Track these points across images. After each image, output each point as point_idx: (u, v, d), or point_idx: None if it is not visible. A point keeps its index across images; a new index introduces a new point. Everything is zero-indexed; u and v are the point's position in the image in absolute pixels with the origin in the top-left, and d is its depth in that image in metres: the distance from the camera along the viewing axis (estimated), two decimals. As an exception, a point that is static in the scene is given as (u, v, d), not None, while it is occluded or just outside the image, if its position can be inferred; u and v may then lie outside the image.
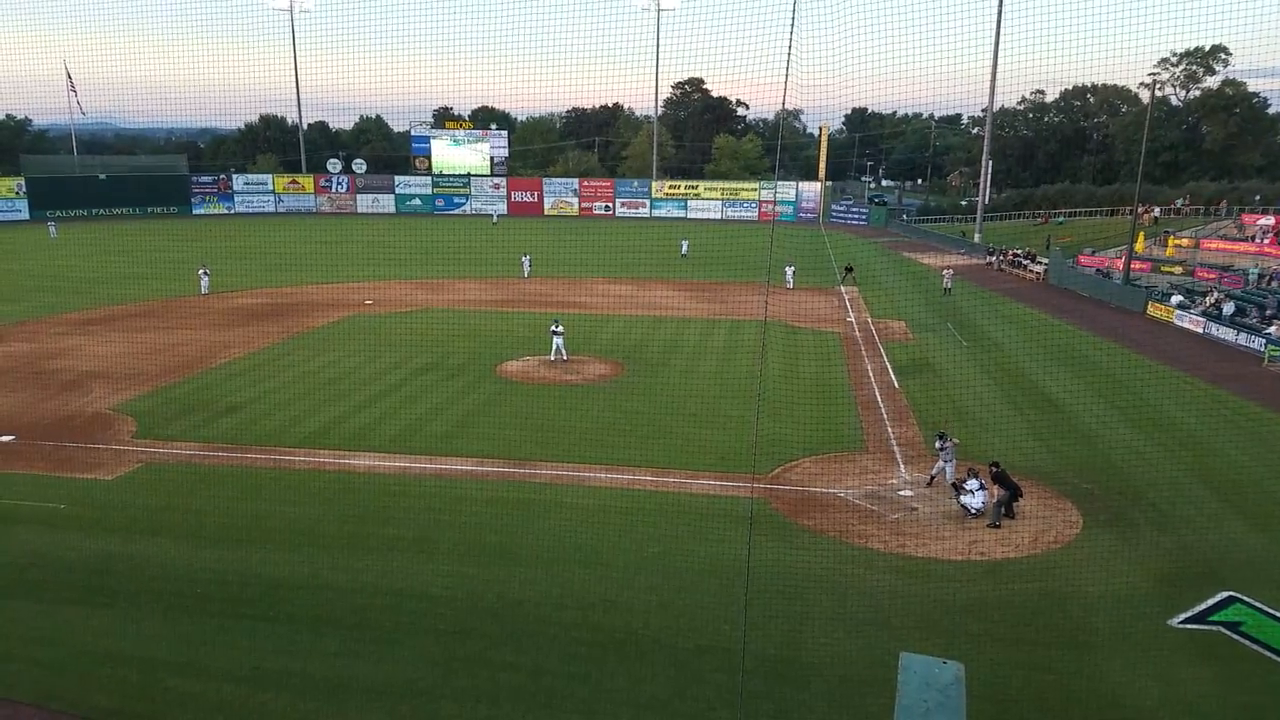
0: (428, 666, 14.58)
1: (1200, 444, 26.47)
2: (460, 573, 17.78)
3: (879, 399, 30.77)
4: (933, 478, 22.69)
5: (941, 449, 22.26)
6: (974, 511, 20.46)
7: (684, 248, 71.26)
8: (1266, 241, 57.21)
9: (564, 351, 34.94)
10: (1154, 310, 48.31)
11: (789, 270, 55.58)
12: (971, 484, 20.59)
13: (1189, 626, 15.97)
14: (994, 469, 20.69)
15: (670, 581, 17.41)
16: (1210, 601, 16.69)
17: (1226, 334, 41.99)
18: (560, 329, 35.08)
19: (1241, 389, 33.12)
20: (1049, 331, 43.42)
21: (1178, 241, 62.86)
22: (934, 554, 18.86)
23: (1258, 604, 16.57)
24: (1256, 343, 39.45)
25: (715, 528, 19.79)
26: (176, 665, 14.58)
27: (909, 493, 22.21)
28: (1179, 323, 45.69)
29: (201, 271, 51.37)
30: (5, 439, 25.77)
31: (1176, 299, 47.70)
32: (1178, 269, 55.87)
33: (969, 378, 33.78)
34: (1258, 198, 76.08)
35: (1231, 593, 16.97)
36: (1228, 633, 15.74)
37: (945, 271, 56.67)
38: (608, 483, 22.73)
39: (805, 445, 25.02)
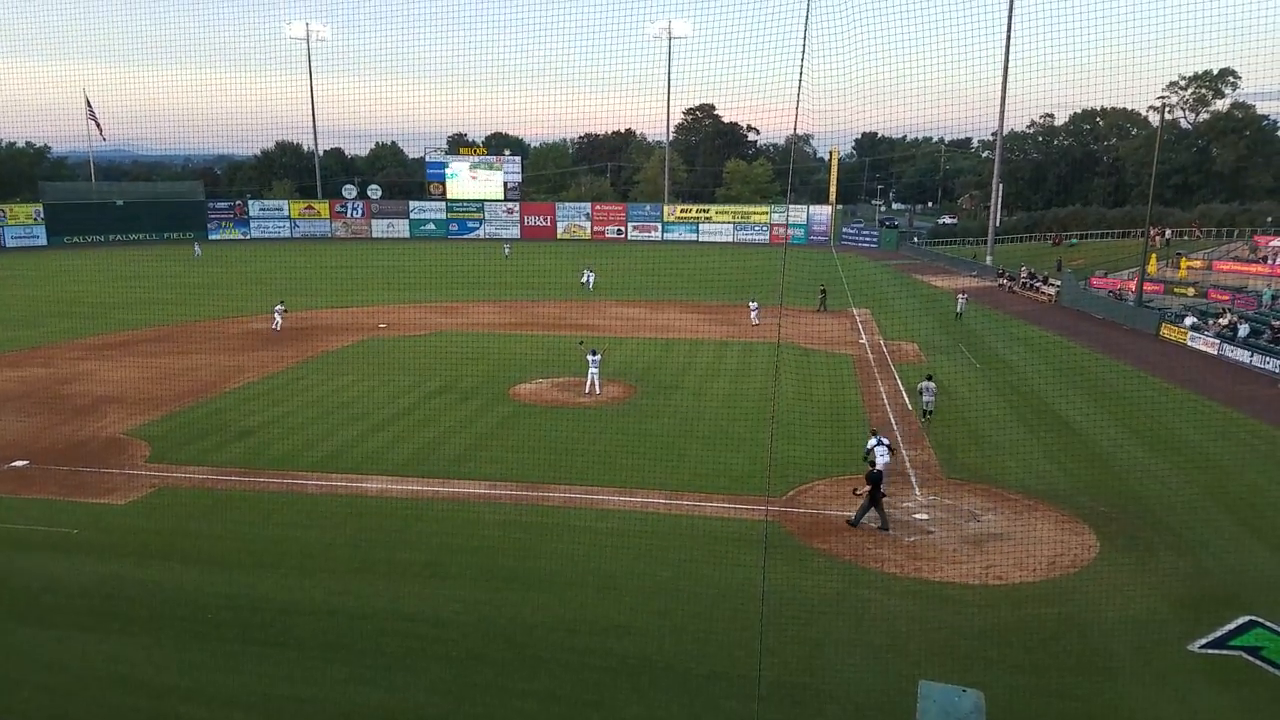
0: (439, 693, 14.48)
1: (1216, 466, 26.20)
2: (472, 597, 17.71)
3: (892, 421, 30.62)
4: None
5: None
6: (880, 469, 21.62)
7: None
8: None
9: (597, 384, 33.91)
10: (1167, 332, 48.03)
11: (753, 307, 50.59)
12: (873, 442, 22.34)
13: (1209, 651, 15.72)
14: (871, 468, 21.12)
15: (683, 606, 17.28)
16: (1230, 626, 16.45)
17: (1241, 355, 41.71)
18: (599, 356, 34.21)
19: (1257, 411, 32.84)
20: (1062, 353, 43.24)
21: (1190, 263, 62.68)
22: (950, 577, 18.68)
23: (1278, 628, 16.33)
24: (1271, 364, 39.18)
25: (729, 551, 19.68)
26: (187, 691, 14.51)
27: (924, 515, 22.04)
28: (1193, 344, 45.41)
29: (278, 309, 47.79)
30: (19, 464, 25.90)
31: (1190, 320, 47.44)
32: (1190, 290, 55.64)
33: (983, 400, 33.64)
34: (1269, 219, 75.82)
35: (1252, 617, 16.72)
36: (1248, 658, 15.50)
37: (960, 296, 55.94)
38: (620, 505, 22.65)
39: (819, 467, 24.88)
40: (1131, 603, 17.37)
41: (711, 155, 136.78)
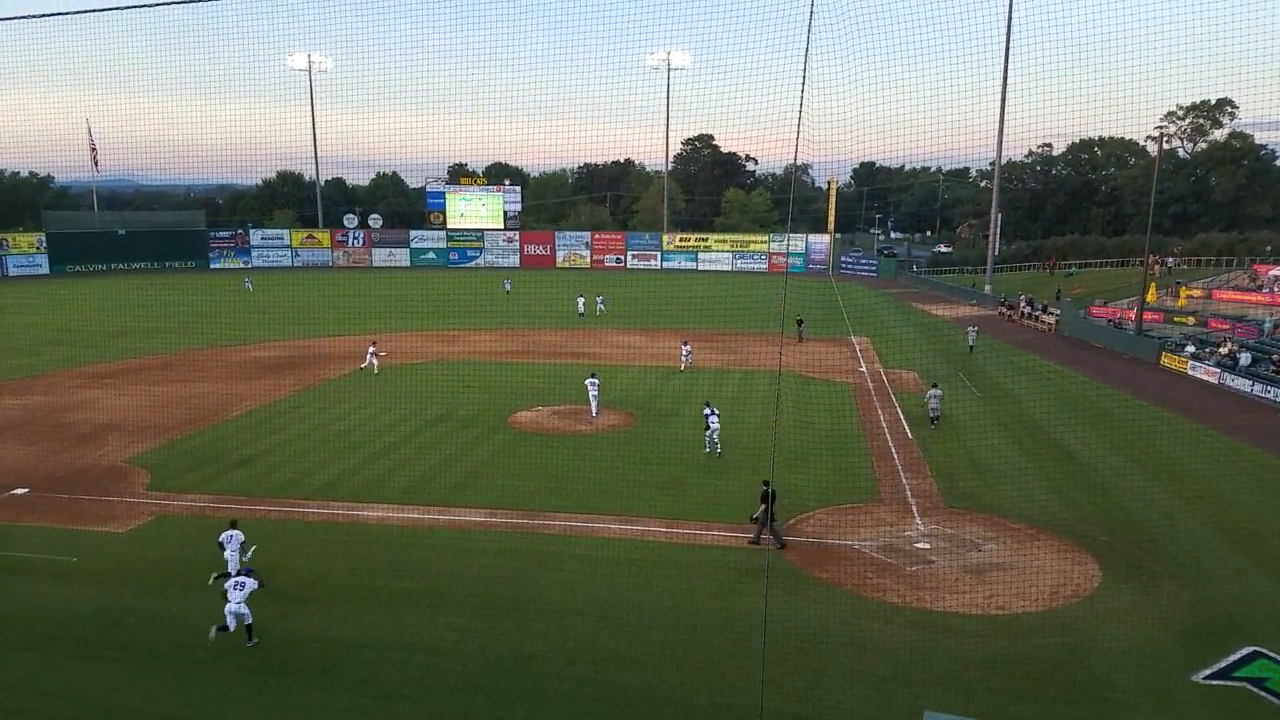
0: (438, 723, 14.36)
1: (1219, 495, 26.15)
2: (471, 626, 17.62)
3: (893, 450, 30.59)
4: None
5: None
6: (711, 428, 28.88)
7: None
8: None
9: (595, 408, 34.53)
10: (1168, 361, 48.08)
11: (685, 350, 46.35)
12: (707, 411, 29.17)
13: (1213, 682, 15.63)
14: (765, 486, 21.45)
15: (684, 636, 17.19)
16: (1234, 657, 16.37)
17: (1242, 384, 41.72)
18: (597, 380, 35.19)
19: (1259, 440, 32.79)
20: (1063, 382, 43.25)
21: (1190, 292, 62.86)
22: (952, 607, 18.59)
23: (1284, 659, 16.24)
24: (1273, 393, 39.17)
25: (729, 580, 19.61)
26: (185, 721, 14.42)
27: (925, 544, 21.97)
28: (1193, 373, 45.44)
29: (371, 351, 44.43)
30: (19, 492, 25.87)
31: (1190, 349, 47.50)
32: (1190, 319, 55.74)
33: (984, 428, 33.62)
34: (1269, 248, 76.18)
35: (1256, 648, 16.64)
36: (1252, 689, 15.40)
37: (970, 329, 54.02)
38: (620, 534, 22.58)
39: (819, 496, 24.84)
40: (1134, 632, 17.29)
41: (710, 184, 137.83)
